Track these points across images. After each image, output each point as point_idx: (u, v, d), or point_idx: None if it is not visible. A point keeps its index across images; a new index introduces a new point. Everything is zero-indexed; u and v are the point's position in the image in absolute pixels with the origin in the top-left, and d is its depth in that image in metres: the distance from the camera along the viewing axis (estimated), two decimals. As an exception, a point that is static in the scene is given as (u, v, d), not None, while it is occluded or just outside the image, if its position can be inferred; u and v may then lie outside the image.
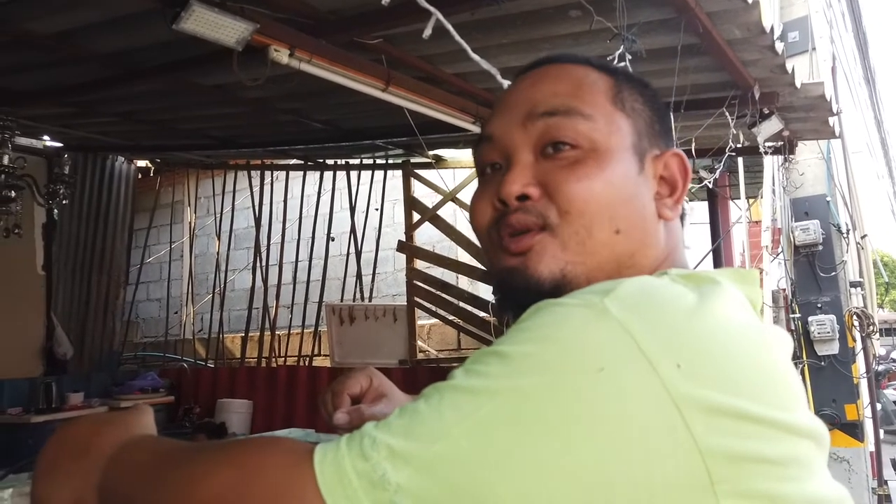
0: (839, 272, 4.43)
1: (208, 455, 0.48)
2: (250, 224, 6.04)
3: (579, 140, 0.56)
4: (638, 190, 0.57)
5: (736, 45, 2.77)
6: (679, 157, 0.61)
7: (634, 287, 0.47)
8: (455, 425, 0.42)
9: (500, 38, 2.86)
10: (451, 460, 0.41)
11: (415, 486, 0.40)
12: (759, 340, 0.48)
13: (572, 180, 0.55)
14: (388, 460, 0.41)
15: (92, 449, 0.54)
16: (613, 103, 0.58)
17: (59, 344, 5.08)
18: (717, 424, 0.42)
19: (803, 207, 4.51)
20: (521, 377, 0.43)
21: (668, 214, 0.59)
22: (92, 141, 4.89)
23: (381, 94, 2.93)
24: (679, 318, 0.46)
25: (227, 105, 3.87)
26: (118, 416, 0.58)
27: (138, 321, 6.79)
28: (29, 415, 4.43)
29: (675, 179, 0.60)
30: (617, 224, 0.56)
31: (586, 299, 0.46)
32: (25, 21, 2.80)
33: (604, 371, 0.42)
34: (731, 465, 0.42)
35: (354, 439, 0.43)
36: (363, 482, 0.41)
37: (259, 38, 2.32)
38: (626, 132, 0.58)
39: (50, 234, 5.17)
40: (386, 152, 5.01)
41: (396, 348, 4.95)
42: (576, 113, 0.57)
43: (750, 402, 0.44)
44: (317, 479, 0.42)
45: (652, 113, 0.61)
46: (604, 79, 0.60)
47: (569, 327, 0.45)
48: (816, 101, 3.44)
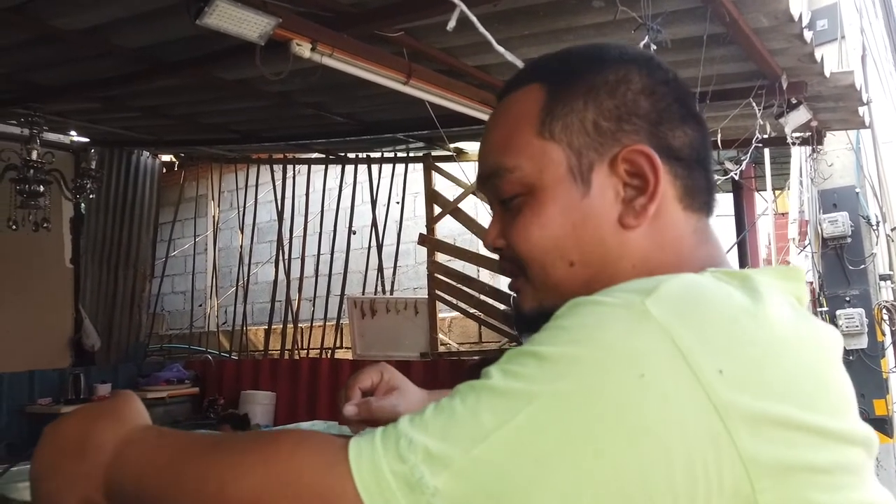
0: (868, 265, 4.35)
1: (237, 455, 0.46)
2: (273, 218, 6.09)
3: (517, 190, 0.57)
4: (583, 216, 0.55)
5: (763, 34, 2.72)
6: (640, 152, 0.54)
7: (677, 286, 0.46)
8: (493, 430, 0.41)
9: (523, 29, 2.84)
10: (489, 466, 0.41)
11: (452, 491, 0.40)
12: (810, 342, 0.47)
13: (514, 233, 0.57)
14: (426, 463, 0.41)
15: (90, 446, 0.52)
16: (540, 134, 0.56)
17: (87, 336, 5.17)
18: (761, 433, 0.41)
19: (832, 199, 4.43)
20: (560, 381, 0.42)
21: (630, 222, 0.54)
22: (117, 136, 4.96)
23: (403, 87, 2.93)
24: (724, 320, 0.45)
25: (250, 99, 3.90)
26: (109, 407, 0.56)
27: (164, 314, 6.89)
28: (58, 405, 4.53)
29: (643, 174, 0.55)
30: (569, 258, 0.55)
31: (626, 299, 0.45)
32: (53, 17, 2.84)
33: (644, 377, 0.41)
34: (776, 474, 0.41)
35: (390, 438, 0.43)
36: (401, 484, 0.41)
37: (281, 32, 2.32)
38: (559, 161, 0.55)
39: (77, 227, 5.26)
40: (407, 145, 5.01)
41: (418, 341, 4.96)
42: (504, 170, 0.57)
43: (797, 409, 0.43)
44: (354, 481, 0.42)
45: (597, 110, 0.56)
46: (536, 103, 0.57)
47: (608, 330, 0.44)
48: (846, 91, 3.36)
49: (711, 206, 0.60)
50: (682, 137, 0.57)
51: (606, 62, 0.58)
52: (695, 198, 0.57)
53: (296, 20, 2.41)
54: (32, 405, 4.61)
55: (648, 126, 0.56)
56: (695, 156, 0.57)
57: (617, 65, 0.57)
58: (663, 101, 0.57)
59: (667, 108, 0.57)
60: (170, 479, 0.48)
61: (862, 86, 3.51)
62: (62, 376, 4.81)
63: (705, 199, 0.59)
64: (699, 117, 0.59)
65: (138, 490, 0.49)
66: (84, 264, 5.29)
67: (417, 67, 2.97)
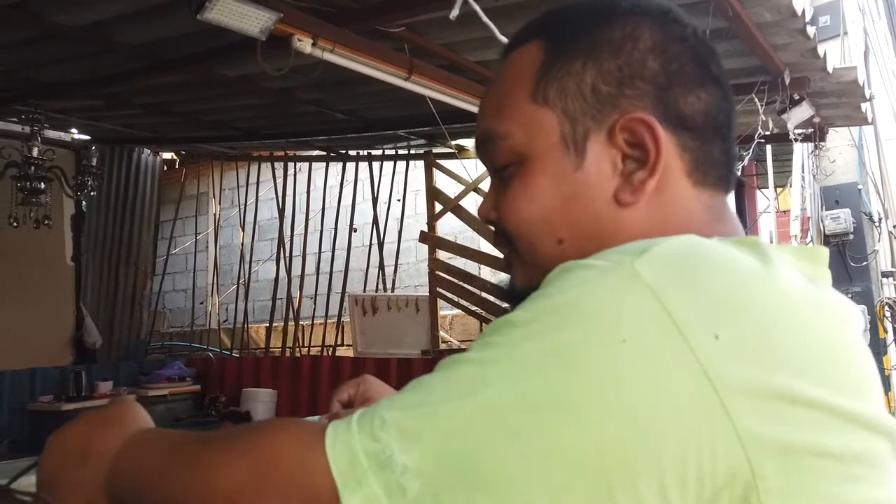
0: (871, 262, 4.34)
1: (221, 448, 0.46)
2: (274, 215, 6.09)
3: (508, 158, 0.53)
4: (575, 190, 0.50)
5: (766, 29, 2.72)
6: (639, 120, 0.49)
7: (675, 245, 0.42)
8: (463, 402, 0.39)
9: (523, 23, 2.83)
10: (458, 440, 0.39)
11: (421, 468, 0.38)
12: (826, 312, 0.43)
13: (504, 205, 0.53)
14: (397, 440, 0.39)
15: (92, 454, 0.52)
16: (533, 99, 0.51)
17: (89, 333, 5.17)
18: (763, 408, 0.37)
19: (834, 196, 4.43)
20: (532, 347, 0.39)
21: (626, 199, 0.49)
22: (118, 133, 4.96)
23: (404, 83, 2.92)
24: (724, 281, 0.40)
25: (251, 96, 3.90)
26: (110, 414, 0.56)
27: (165, 311, 6.89)
28: (59, 403, 4.52)
29: (643, 145, 0.49)
30: (557, 234, 0.51)
31: (615, 259, 0.41)
32: (54, 13, 2.83)
33: (626, 343, 0.38)
34: (780, 458, 0.37)
35: (365, 418, 0.41)
36: (372, 464, 0.39)
37: (282, 27, 2.32)
38: (551, 128, 0.50)
39: (78, 225, 5.25)
40: (408, 143, 5.00)
41: (419, 339, 4.96)
42: (494, 137, 0.53)
43: (807, 383, 0.38)
44: (329, 463, 0.40)
45: (598, 72, 0.50)
46: (533, 64, 0.52)
47: (590, 292, 0.40)
48: (849, 87, 3.36)
49: (729, 181, 0.53)
50: (696, 103, 0.50)
51: (614, 16, 0.51)
52: (708, 172, 0.51)
53: (297, 15, 2.41)
54: (34, 403, 4.60)
55: (655, 90, 0.49)
56: (711, 124, 0.51)
57: (625, 19, 0.51)
58: (676, 62, 0.50)
59: (679, 69, 0.50)
60: (162, 476, 0.48)
61: (865, 82, 3.50)
62: (63, 374, 4.81)
63: (721, 173, 0.52)
64: (720, 80, 0.52)
65: (136, 491, 0.50)
66: (85, 262, 5.29)
67: (419, 63, 2.96)
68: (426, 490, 0.38)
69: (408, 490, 0.38)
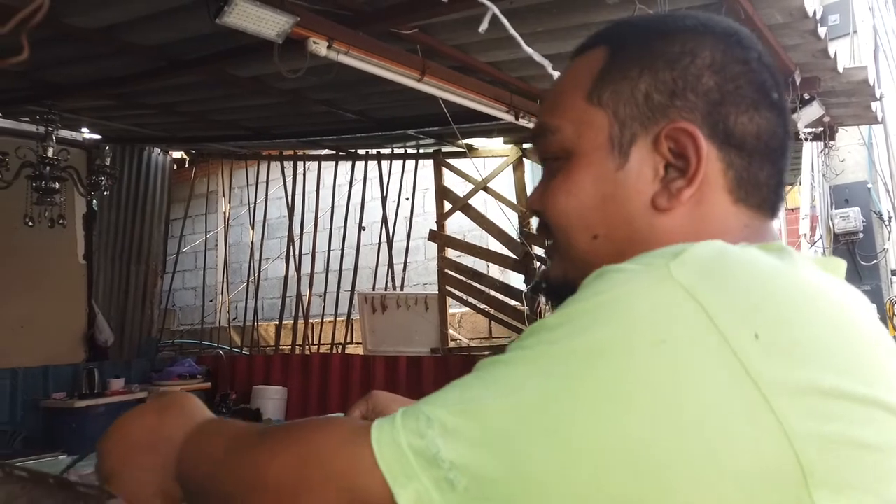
0: (880, 260, 4.34)
1: (271, 440, 0.48)
2: (283, 214, 6.12)
3: (556, 152, 0.55)
4: (614, 189, 0.52)
5: (777, 30, 2.72)
6: (683, 130, 0.50)
7: (706, 250, 0.43)
8: (505, 400, 0.41)
9: (535, 26, 2.85)
10: (503, 437, 0.40)
11: (468, 464, 0.40)
12: (854, 309, 0.44)
13: (546, 197, 0.56)
14: (442, 437, 0.40)
15: (163, 440, 0.55)
16: (588, 99, 0.53)
17: (101, 331, 5.22)
18: (806, 404, 0.37)
19: (843, 194, 4.42)
20: (570, 348, 0.41)
21: (662, 204, 0.50)
22: (129, 132, 4.99)
23: (417, 84, 2.94)
24: (757, 282, 0.41)
25: (262, 96, 3.92)
26: (175, 403, 0.58)
27: (175, 309, 6.93)
28: (72, 399, 4.57)
29: (686, 155, 0.50)
30: (593, 230, 0.53)
31: (649, 262, 0.43)
32: (69, 15, 2.86)
33: (665, 344, 0.38)
34: (826, 451, 0.37)
35: (410, 416, 0.43)
36: (420, 460, 0.41)
37: (298, 30, 2.34)
38: (601, 128, 0.53)
39: (90, 224, 5.30)
40: (417, 142, 5.02)
41: (428, 337, 4.99)
42: (547, 132, 0.55)
43: (845, 378, 0.39)
44: (376, 458, 0.42)
45: (653, 81, 0.51)
46: (594, 66, 0.54)
47: (625, 294, 0.41)
48: (859, 86, 3.36)
49: (775, 206, 0.53)
50: (748, 124, 0.51)
51: (678, 31, 0.53)
52: (751, 192, 0.51)
53: (312, 18, 2.43)
54: (47, 399, 4.65)
55: (706, 105, 0.51)
56: (761, 147, 0.51)
57: (688, 35, 0.52)
58: (732, 82, 0.51)
59: (735, 89, 0.51)
60: (219, 465, 0.50)
61: (875, 81, 3.50)
62: (76, 371, 4.86)
63: (766, 195, 0.52)
64: (779, 107, 0.53)
65: (200, 478, 0.52)
66: (97, 260, 5.34)
67: (431, 64, 2.98)
68: (473, 484, 0.40)
69: (456, 485, 0.40)
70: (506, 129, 4.19)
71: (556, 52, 3.13)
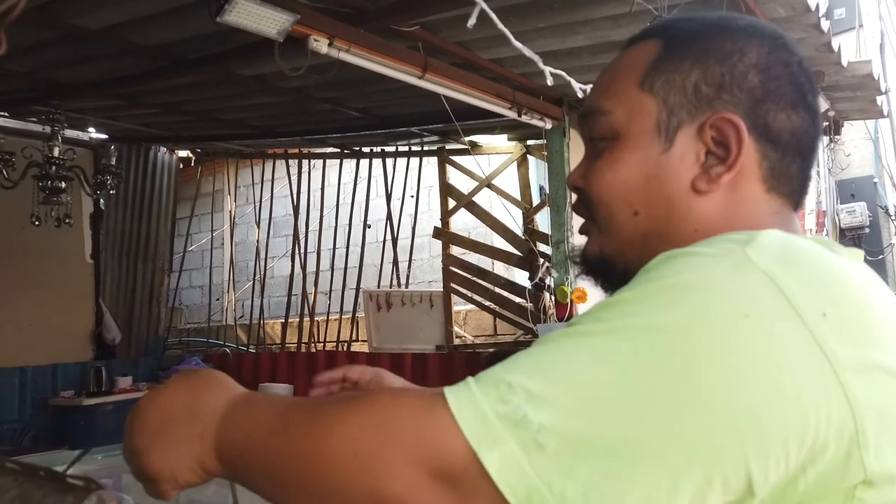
0: (887, 255, 4.31)
1: (340, 406, 0.48)
2: (289, 212, 6.14)
3: (604, 133, 0.59)
4: (658, 170, 0.56)
5: (780, 24, 2.71)
6: (728, 120, 0.54)
7: (773, 238, 0.47)
8: (592, 366, 0.42)
9: (538, 21, 2.85)
10: (595, 401, 0.41)
11: (557, 426, 0.41)
12: (891, 297, 0.49)
13: (592, 173, 0.60)
14: (528, 403, 0.42)
15: (202, 411, 0.53)
16: (640, 86, 0.58)
17: (108, 330, 5.25)
18: (865, 376, 0.42)
19: (849, 189, 4.40)
20: (657, 317, 0.43)
21: (701, 187, 0.55)
22: (135, 132, 5.02)
23: (419, 81, 2.95)
24: (821, 268, 0.46)
25: (266, 95, 3.94)
26: (211, 377, 0.57)
27: (182, 308, 6.97)
28: (80, 398, 4.61)
29: (727, 143, 0.54)
30: (634, 206, 0.57)
31: (725, 248, 0.46)
32: (74, 16, 2.88)
33: (749, 318, 0.42)
34: (877, 419, 0.42)
35: (487, 384, 0.43)
36: (506, 423, 0.41)
37: (299, 28, 2.35)
38: (650, 113, 0.57)
39: (97, 223, 5.33)
40: (421, 139, 5.02)
41: (433, 334, 4.99)
42: (597, 112, 0.59)
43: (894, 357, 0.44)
44: (457, 422, 0.42)
45: (703, 74, 0.56)
46: (647, 56, 0.59)
47: (707, 274, 0.45)
48: (864, 80, 3.34)
49: (800, 198, 0.59)
50: (785, 121, 0.55)
51: (728, 30, 0.58)
52: (782, 183, 0.56)
53: (313, 16, 2.44)
54: (55, 398, 4.69)
55: (749, 101, 0.55)
56: (794, 144, 0.56)
57: (737, 34, 0.57)
58: (775, 82, 0.55)
59: (777, 88, 0.55)
60: (279, 432, 0.49)
61: (880, 75, 3.48)
62: (84, 369, 4.89)
63: (794, 188, 0.57)
64: (814, 108, 0.58)
65: (246, 447, 0.51)
66: (104, 259, 5.37)
67: (433, 61, 2.98)
68: (564, 447, 0.41)
69: (546, 446, 0.41)
70: (509, 125, 4.19)
71: (558, 48, 3.13)
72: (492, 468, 0.41)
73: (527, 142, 4.67)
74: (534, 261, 4.44)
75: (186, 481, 0.54)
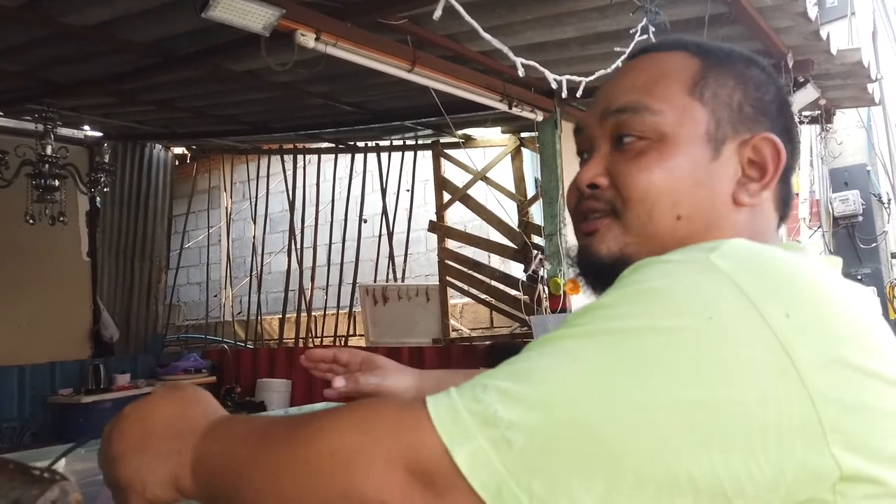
0: (880, 243, 4.32)
1: (317, 417, 0.49)
2: (285, 208, 6.15)
3: (646, 132, 0.59)
4: (707, 178, 0.58)
5: (767, 13, 2.71)
6: (770, 141, 0.59)
7: (737, 245, 0.49)
8: (563, 367, 0.44)
9: (525, 13, 2.85)
10: (562, 399, 0.43)
11: (526, 423, 0.42)
12: (859, 299, 0.50)
13: (634, 170, 0.59)
14: (500, 401, 0.43)
15: (183, 428, 0.55)
16: (690, 93, 0.59)
17: (106, 327, 5.27)
18: (828, 374, 0.43)
19: (842, 177, 4.41)
20: (628, 321, 0.45)
21: (744, 200, 0.59)
22: (130, 129, 5.03)
23: (408, 74, 2.95)
24: (784, 272, 0.47)
25: (259, 90, 3.94)
26: (196, 395, 0.59)
27: (180, 304, 6.99)
28: (79, 395, 4.62)
29: (765, 164, 0.59)
30: (678, 210, 0.58)
31: (691, 255, 0.48)
32: (65, 13, 2.88)
33: (713, 319, 0.44)
34: (845, 414, 0.43)
35: (465, 387, 0.45)
36: (476, 420, 0.43)
37: (285, 22, 2.35)
38: (701, 121, 0.59)
39: (94, 221, 5.35)
40: (415, 133, 5.03)
41: (430, 327, 5.01)
42: (643, 109, 0.60)
43: (860, 355, 0.45)
44: (432, 420, 0.44)
45: (744, 95, 0.60)
46: (689, 66, 0.61)
47: (674, 279, 0.46)
48: (854, 68, 3.34)
49: (785, 214, 0.64)
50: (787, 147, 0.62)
51: (755, 64, 0.64)
52: (779, 204, 0.62)
53: (300, 10, 2.44)
54: (54, 395, 4.72)
55: (778, 128, 0.61)
56: (787, 168, 0.62)
57: (762, 70, 0.64)
58: (783, 118, 0.62)
59: (789, 121, 0.63)
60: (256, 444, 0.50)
61: (871, 62, 3.48)
62: (82, 367, 4.91)
63: (783, 205, 0.63)
64: (796, 138, 0.64)
65: (224, 461, 0.52)
66: (101, 257, 5.39)
67: (422, 54, 2.98)
68: (531, 442, 0.42)
69: (514, 443, 0.42)
70: (501, 118, 4.19)
71: (547, 39, 3.13)
72: (463, 464, 0.42)
73: (521, 134, 4.67)
74: (528, 253, 4.45)
75: (155, 496, 0.54)
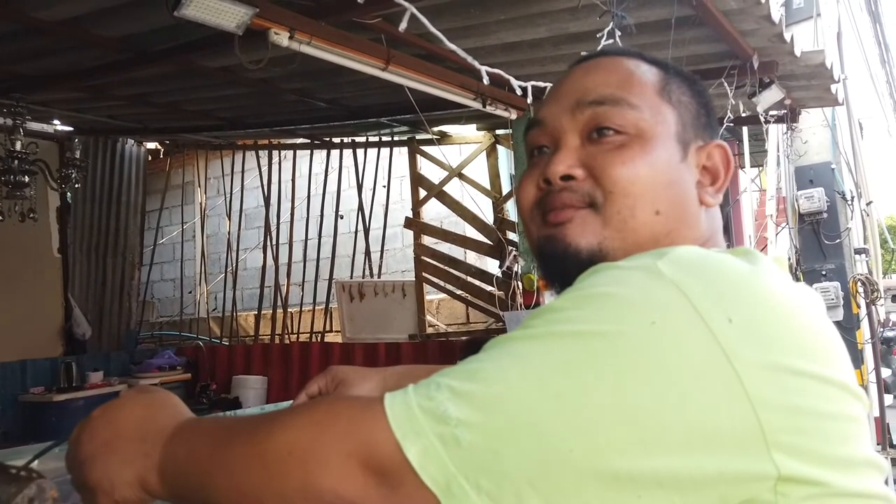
0: (844, 240, 4.45)
1: (278, 415, 0.51)
2: (260, 203, 6.12)
3: (626, 126, 0.60)
4: (680, 176, 0.60)
5: (732, 16, 2.78)
6: (722, 149, 0.63)
7: (685, 252, 0.51)
8: (512, 368, 0.46)
9: (499, 14, 2.88)
10: (508, 399, 0.44)
11: (474, 421, 0.44)
12: (806, 302, 0.51)
13: (617, 163, 0.59)
14: (450, 400, 0.45)
15: (151, 430, 0.55)
16: (660, 95, 0.62)
17: (78, 324, 5.21)
18: (769, 377, 0.44)
19: (808, 175, 4.52)
20: (576, 325, 0.47)
21: (709, 201, 0.62)
22: (102, 124, 4.97)
23: (382, 73, 2.97)
24: (729, 277, 0.49)
25: (233, 86, 3.93)
26: (165, 399, 0.60)
27: (154, 301, 6.93)
28: (51, 394, 4.57)
29: (717, 169, 0.63)
30: (657, 206, 0.59)
31: (641, 262, 0.50)
32: (33, 8, 2.85)
33: (655, 324, 0.45)
34: (785, 417, 0.44)
35: (421, 385, 0.47)
36: (428, 417, 0.45)
37: (259, 21, 2.36)
38: (671, 122, 0.61)
39: (65, 217, 5.27)
40: (391, 130, 5.04)
41: (406, 323, 5.04)
42: (623, 102, 0.60)
43: (803, 359, 0.46)
44: (387, 416, 0.46)
45: (699, 106, 0.64)
46: (653, 71, 0.63)
47: (622, 285, 0.48)
48: (817, 70, 3.43)
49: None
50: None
51: (696, 80, 0.68)
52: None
53: (273, 9, 2.45)
54: (25, 394, 4.65)
55: (713, 132, 0.66)
56: None
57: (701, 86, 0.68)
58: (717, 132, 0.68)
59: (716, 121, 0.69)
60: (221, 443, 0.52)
61: (833, 64, 3.57)
62: (54, 365, 4.85)
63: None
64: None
65: (191, 460, 0.53)
66: (72, 253, 5.32)
67: (396, 53, 3.01)
68: (478, 440, 0.44)
69: (462, 440, 0.44)
70: (475, 115, 4.22)
71: (521, 39, 3.17)
72: (414, 459, 0.44)
73: (496, 131, 4.72)
74: (503, 249, 4.50)
75: (123, 497, 0.55)
